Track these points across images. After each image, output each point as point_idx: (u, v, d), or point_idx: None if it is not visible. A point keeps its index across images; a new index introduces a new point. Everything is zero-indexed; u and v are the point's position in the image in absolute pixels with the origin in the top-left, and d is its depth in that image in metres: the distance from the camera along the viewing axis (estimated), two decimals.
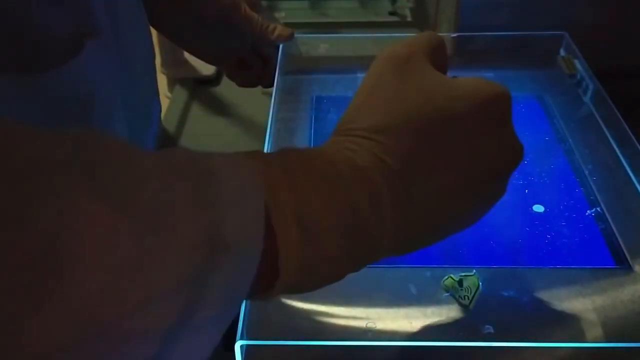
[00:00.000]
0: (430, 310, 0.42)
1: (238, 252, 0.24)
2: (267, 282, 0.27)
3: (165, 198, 0.22)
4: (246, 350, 0.39)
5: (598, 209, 0.50)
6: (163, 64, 0.86)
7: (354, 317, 0.41)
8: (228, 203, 0.24)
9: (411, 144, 0.31)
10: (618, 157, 0.54)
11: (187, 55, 0.84)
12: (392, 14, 0.96)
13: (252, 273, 0.25)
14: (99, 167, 0.22)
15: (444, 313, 0.42)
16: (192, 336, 0.23)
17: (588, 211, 0.50)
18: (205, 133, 0.76)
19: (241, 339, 0.39)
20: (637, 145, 0.53)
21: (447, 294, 0.43)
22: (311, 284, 0.30)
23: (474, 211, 0.34)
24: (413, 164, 0.31)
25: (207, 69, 0.85)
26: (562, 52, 0.68)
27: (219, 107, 0.81)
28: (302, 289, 0.30)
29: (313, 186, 0.28)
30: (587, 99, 0.62)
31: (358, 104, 0.33)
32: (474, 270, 0.43)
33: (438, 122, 0.31)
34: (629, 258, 0.46)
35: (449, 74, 0.35)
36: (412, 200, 0.31)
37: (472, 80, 0.33)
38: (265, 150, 0.53)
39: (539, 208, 0.51)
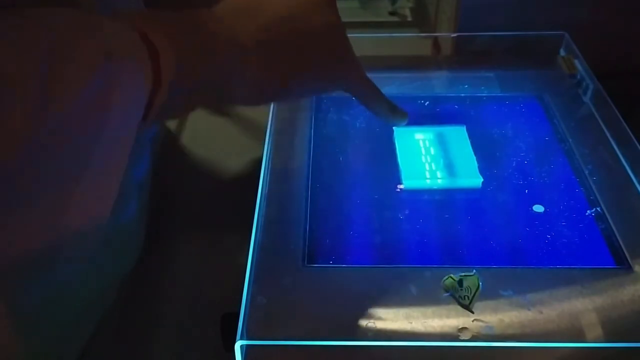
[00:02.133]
0: (430, 310, 0.42)
1: (127, 59, 0.32)
2: (157, 90, 0.35)
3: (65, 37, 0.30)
4: (246, 350, 0.39)
5: (598, 209, 0.50)
6: None
7: (354, 317, 0.41)
8: (109, 34, 0.32)
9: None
10: (618, 157, 0.54)
11: None
12: (392, 14, 0.96)
13: (143, 77, 0.33)
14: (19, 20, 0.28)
15: (444, 313, 0.42)
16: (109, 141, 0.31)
17: (588, 211, 0.50)
18: (205, 133, 0.76)
19: (241, 339, 0.39)
20: (637, 145, 0.53)
21: (447, 294, 0.43)
22: (195, 75, 0.38)
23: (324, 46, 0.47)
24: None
25: None
26: (562, 52, 0.68)
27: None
28: (187, 82, 0.37)
29: (168, 16, 0.38)
30: (587, 99, 0.62)
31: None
32: (474, 270, 0.43)
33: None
34: (629, 258, 0.46)
35: (449, 74, 0.35)
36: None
37: None
38: (265, 151, 0.53)
39: (539, 208, 0.51)
